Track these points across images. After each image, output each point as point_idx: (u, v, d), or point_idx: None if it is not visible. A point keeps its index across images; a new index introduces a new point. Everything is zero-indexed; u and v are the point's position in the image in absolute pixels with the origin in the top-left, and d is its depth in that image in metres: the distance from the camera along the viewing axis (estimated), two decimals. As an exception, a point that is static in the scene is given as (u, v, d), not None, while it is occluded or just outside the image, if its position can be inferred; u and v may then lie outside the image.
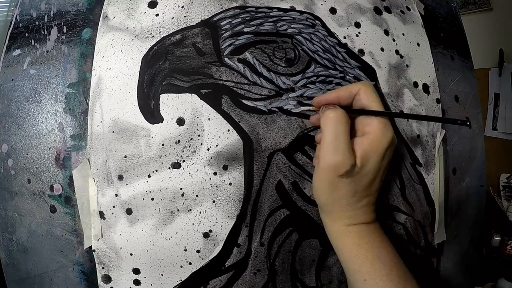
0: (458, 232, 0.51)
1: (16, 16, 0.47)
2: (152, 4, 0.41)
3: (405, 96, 0.45)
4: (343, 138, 0.31)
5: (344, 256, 0.34)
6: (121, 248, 0.39)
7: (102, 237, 0.40)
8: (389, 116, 0.33)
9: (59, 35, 0.43)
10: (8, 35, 0.47)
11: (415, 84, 0.46)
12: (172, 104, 0.38)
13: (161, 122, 0.38)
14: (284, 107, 0.40)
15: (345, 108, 0.34)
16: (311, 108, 0.37)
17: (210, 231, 0.39)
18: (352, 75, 0.42)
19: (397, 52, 0.45)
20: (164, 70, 0.39)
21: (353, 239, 0.33)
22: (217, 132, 0.38)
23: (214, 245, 0.39)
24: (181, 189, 0.38)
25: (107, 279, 0.40)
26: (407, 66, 0.46)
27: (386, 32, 0.45)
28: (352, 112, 0.33)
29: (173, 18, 0.40)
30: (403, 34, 0.47)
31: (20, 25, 0.46)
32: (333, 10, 0.44)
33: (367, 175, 0.32)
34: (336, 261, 0.42)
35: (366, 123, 0.32)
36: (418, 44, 0.48)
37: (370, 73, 0.43)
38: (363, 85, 0.34)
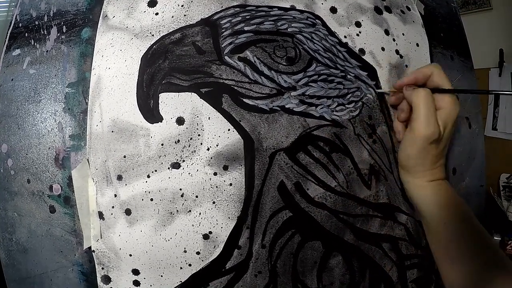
0: (458, 232, 0.51)
1: (16, 16, 0.47)
2: (152, 3, 0.41)
3: (404, 96, 0.45)
4: (433, 113, 0.38)
5: (425, 205, 0.41)
6: (120, 248, 0.39)
7: (101, 237, 0.39)
8: (458, 93, 0.40)
9: (58, 34, 0.43)
10: (8, 35, 0.46)
11: (414, 85, 0.46)
12: (171, 103, 0.38)
13: (161, 122, 0.38)
14: (286, 106, 0.39)
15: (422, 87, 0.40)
16: (387, 90, 0.43)
17: (210, 232, 0.39)
18: (353, 75, 0.42)
19: (397, 52, 0.45)
20: (163, 69, 0.39)
21: (433, 190, 0.40)
22: (217, 132, 0.38)
23: (214, 246, 0.39)
24: (180, 189, 0.38)
25: (107, 279, 0.40)
26: (406, 66, 0.46)
27: (387, 32, 0.45)
28: (433, 91, 0.39)
29: (172, 17, 0.40)
30: (403, 34, 0.47)
31: (20, 25, 0.46)
32: (333, 10, 0.44)
33: (444, 140, 0.40)
34: (338, 262, 0.42)
35: (440, 99, 0.39)
36: (417, 45, 0.48)
37: (371, 72, 0.43)
38: (435, 67, 0.40)
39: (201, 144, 0.38)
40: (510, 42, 1.62)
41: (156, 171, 0.38)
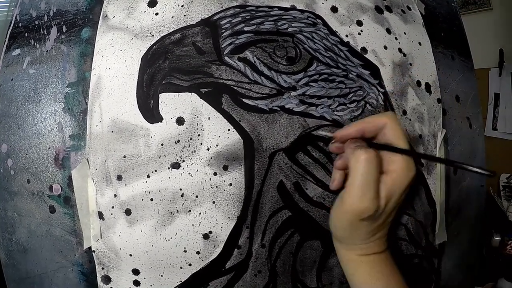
0: (458, 232, 0.51)
1: (16, 16, 0.47)
2: (152, 3, 0.41)
3: (408, 95, 0.45)
4: (372, 184, 0.30)
5: (355, 282, 0.35)
6: (120, 248, 0.39)
7: (101, 237, 0.39)
8: (415, 157, 0.32)
9: (58, 34, 0.43)
10: (8, 34, 0.47)
11: (418, 83, 0.46)
12: (171, 103, 0.38)
13: (161, 122, 0.38)
14: (286, 106, 0.39)
15: (368, 141, 0.33)
16: (329, 135, 0.36)
17: (210, 232, 0.39)
18: (355, 74, 0.42)
19: (400, 50, 0.45)
20: (163, 69, 0.38)
21: (365, 268, 0.34)
22: (217, 132, 0.38)
23: (214, 246, 0.39)
24: (180, 189, 0.38)
25: (107, 279, 0.40)
26: (410, 64, 0.46)
27: (388, 31, 0.45)
28: (378, 147, 0.32)
29: (173, 17, 0.40)
30: (405, 33, 0.46)
31: (20, 24, 0.46)
32: (334, 9, 0.43)
33: (387, 212, 0.32)
34: (337, 262, 0.42)
35: (390, 161, 0.31)
36: (419, 43, 0.47)
37: (373, 71, 0.43)
38: (390, 119, 0.33)
39: (201, 144, 0.38)
40: (510, 42, 1.61)
41: (156, 171, 0.38)
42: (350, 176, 0.31)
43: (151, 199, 0.38)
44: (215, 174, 0.38)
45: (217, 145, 0.38)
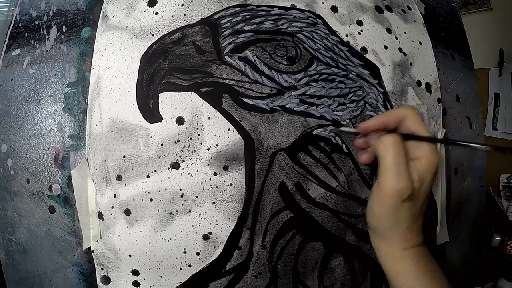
0: (459, 232, 0.51)
1: (16, 16, 0.47)
2: (152, 3, 0.41)
3: (408, 95, 0.45)
4: (403, 163, 0.32)
5: (400, 280, 0.34)
6: (120, 249, 0.39)
7: (101, 238, 0.39)
8: (440, 143, 0.35)
9: (58, 34, 0.43)
10: (8, 34, 0.46)
11: (418, 83, 0.46)
12: (171, 103, 0.38)
13: (160, 122, 0.38)
14: (287, 106, 0.39)
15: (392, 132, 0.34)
16: (353, 130, 0.38)
17: (210, 233, 0.39)
18: (355, 73, 0.42)
19: (400, 50, 0.45)
20: (163, 68, 0.38)
21: (410, 263, 0.34)
22: (217, 132, 0.38)
23: (214, 247, 0.39)
24: (180, 189, 0.38)
25: (106, 280, 0.40)
26: (410, 64, 0.45)
27: (389, 30, 0.45)
28: (406, 137, 0.34)
29: (172, 16, 0.40)
30: (405, 33, 0.46)
31: (20, 24, 0.46)
32: (334, 9, 0.43)
33: (422, 196, 0.33)
34: (339, 263, 0.42)
35: (415, 147, 0.33)
36: (420, 43, 0.47)
37: (373, 71, 0.43)
38: (410, 110, 0.34)
39: (201, 144, 0.38)
40: (510, 42, 1.61)
41: (155, 171, 0.38)
42: (381, 162, 0.32)
43: (151, 200, 0.38)
44: (215, 174, 0.38)
45: (217, 145, 0.38)
